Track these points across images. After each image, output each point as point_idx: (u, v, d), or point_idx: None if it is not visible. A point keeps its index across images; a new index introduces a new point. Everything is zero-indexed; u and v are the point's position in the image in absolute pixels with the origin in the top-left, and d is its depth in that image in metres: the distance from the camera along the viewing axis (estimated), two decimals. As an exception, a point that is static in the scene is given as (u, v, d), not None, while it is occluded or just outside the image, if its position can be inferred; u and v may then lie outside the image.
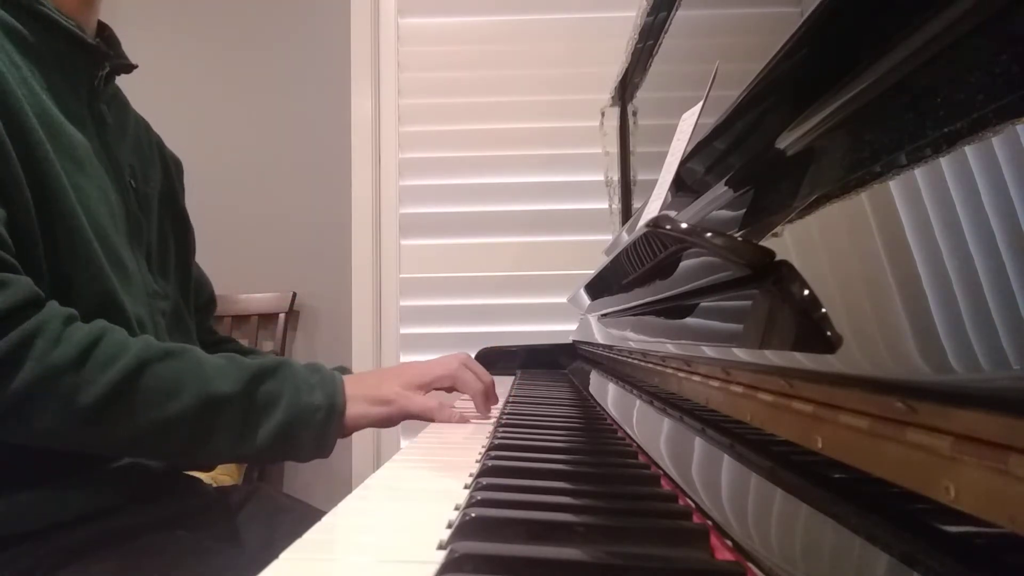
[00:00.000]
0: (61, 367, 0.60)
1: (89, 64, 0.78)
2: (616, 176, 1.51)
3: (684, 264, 0.53)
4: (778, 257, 0.33)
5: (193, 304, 0.95)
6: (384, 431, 1.83)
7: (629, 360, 0.78)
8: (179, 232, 0.93)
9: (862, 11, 0.34)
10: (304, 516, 0.85)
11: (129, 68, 0.86)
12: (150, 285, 0.81)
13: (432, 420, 0.80)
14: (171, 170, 0.95)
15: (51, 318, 0.62)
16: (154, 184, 0.89)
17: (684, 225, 0.40)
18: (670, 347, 0.53)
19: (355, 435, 0.80)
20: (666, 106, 1.14)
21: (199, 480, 0.89)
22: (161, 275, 0.85)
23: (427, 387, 0.81)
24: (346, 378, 0.76)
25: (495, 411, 0.87)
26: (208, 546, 0.72)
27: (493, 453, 0.53)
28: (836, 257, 0.29)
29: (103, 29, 0.85)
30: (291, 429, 0.69)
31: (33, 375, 0.59)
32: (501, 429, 0.67)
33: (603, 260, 1.10)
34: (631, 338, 0.72)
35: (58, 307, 0.64)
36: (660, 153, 0.80)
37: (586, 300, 1.25)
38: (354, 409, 0.74)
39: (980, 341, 0.19)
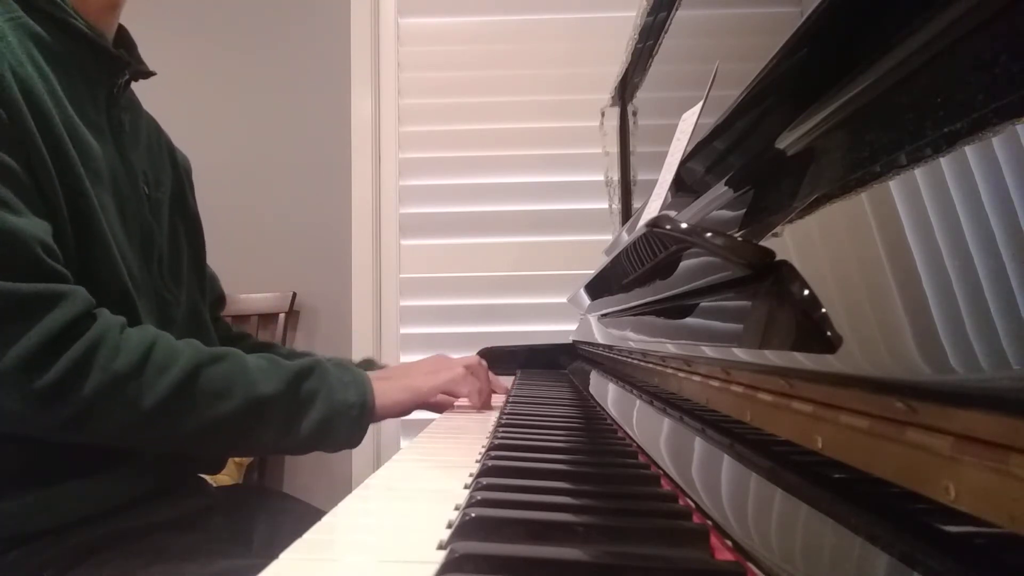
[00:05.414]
0: (124, 374, 0.63)
1: (109, 72, 0.78)
2: (616, 176, 1.51)
3: (684, 264, 0.53)
4: (778, 257, 0.33)
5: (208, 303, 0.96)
6: (384, 432, 1.83)
7: (629, 360, 0.78)
8: (190, 234, 0.93)
9: (862, 11, 0.34)
10: (304, 516, 0.85)
11: (147, 74, 0.87)
12: (161, 292, 0.82)
13: (458, 393, 0.89)
14: (180, 172, 0.95)
15: (109, 327, 0.64)
16: (165, 189, 0.89)
17: (684, 225, 0.40)
18: (670, 347, 0.53)
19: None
20: (666, 106, 1.14)
21: (204, 480, 0.89)
22: (173, 280, 0.86)
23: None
24: (372, 375, 0.82)
25: (495, 413, 0.87)
26: (208, 546, 0.72)
27: (493, 453, 0.53)
28: (836, 257, 0.29)
29: (120, 31, 0.85)
30: (329, 424, 0.74)
31: (99, 383, 0.62)
32: (501, 429, 0.67)
33: (603, 260, 1.10)
34: (631, 338, 0.72)
35: (110, 315, 0.66)
36: (660, 153, 0.80)
37: (586, 300, 1.25)
38: (383, 400, 0.80)
39: (980, 341, 0.19)
